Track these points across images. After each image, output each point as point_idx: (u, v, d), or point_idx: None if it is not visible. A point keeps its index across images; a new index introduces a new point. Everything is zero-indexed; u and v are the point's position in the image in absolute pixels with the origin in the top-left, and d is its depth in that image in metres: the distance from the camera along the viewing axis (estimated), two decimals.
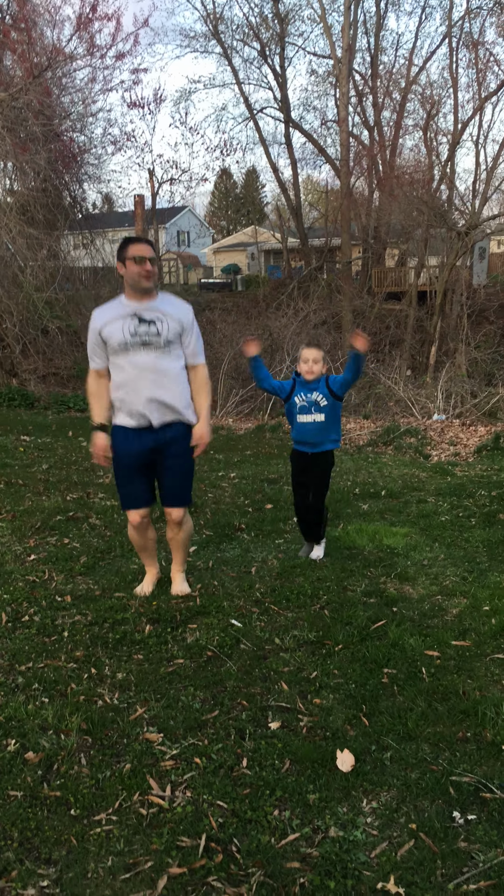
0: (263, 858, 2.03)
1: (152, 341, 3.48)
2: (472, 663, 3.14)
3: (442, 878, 1.97)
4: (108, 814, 2.20)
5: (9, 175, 15.22)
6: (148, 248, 3.47)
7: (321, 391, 4.25)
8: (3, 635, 3.39)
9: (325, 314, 19.46)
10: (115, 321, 3.51)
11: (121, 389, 3.56)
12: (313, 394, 4.26)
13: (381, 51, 26.80)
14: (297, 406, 4.31)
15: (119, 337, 3.48)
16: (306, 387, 4.27)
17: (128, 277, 3.48)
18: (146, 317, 3.50)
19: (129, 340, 3.47)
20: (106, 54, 16.42)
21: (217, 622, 3.53)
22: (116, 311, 3.53)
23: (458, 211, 22.24)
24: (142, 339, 3.47)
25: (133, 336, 3.47)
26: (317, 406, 4.26)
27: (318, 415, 4.27)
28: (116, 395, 3.59)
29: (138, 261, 3.42)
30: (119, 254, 3.51)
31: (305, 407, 4.28)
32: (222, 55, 27.90)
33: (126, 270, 3.47)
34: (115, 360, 3.54)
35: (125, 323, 3.48)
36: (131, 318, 3.48)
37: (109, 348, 3.52)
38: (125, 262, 3.46)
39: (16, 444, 8.43)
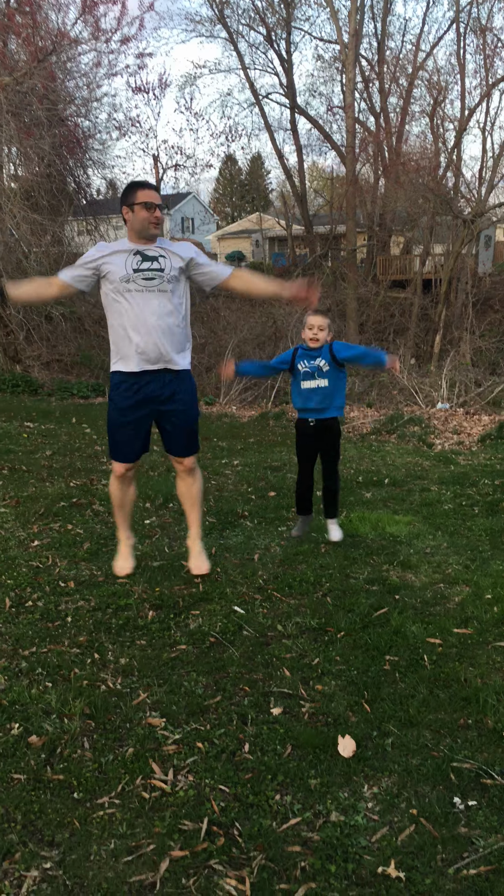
0: (265, 842, 2.05)
1: (155, 276, 3.44)
2: (473, 651, 3.15)
3: (442, 862, 1.99)
4: (111, 797, 2.22)
5: (13, 160, 15.16)
6: (157, 194, 3.45)
7: (324, 357, 4.27)
8: (7, 620, 3.40)
9: (329, 302, 19.40)
10: (117, 255, 3.46)
11: (121, 329, 3.50)
12: (316, 360, 4.28)
13: (388, 36, 26.57)
14: (301, 373, 4.33)
15: (122, 271, 3.42)
16: (309, 354, 4.30)
17: (135, 223, 3.43)
18: (149, 254, 3.46)
19: (131, 275, 3.42)
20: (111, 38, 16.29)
21: (220, 609, 3.55)
22: (120, 247, 3.49)
23: (464, 198, 22.11)
24: (144, 275, 3.42)
25: (136, 271, 3.43)
26: (320, 371, 4.28)
27: (321, 380, 4.29)
28: (115, 337, 3.53)
29: (148, 206, 3.39)
30: (125, 198, 3.45)
31: (308, 373, 4.30)
32: (228, 40, 27.71)
33: (134, 216, 3.42)
34: (115, 298, 3.48)
35: (128, 258, 3.44)
36: (134, 255, 3.44)
37: (109, 283, 3.46)
38: (133, 207, 3.41)
39: (19, 431, 8.44)
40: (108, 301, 3.52)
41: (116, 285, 3.45)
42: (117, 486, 3.81)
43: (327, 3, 24.80)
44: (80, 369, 14.16)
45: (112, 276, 3.45)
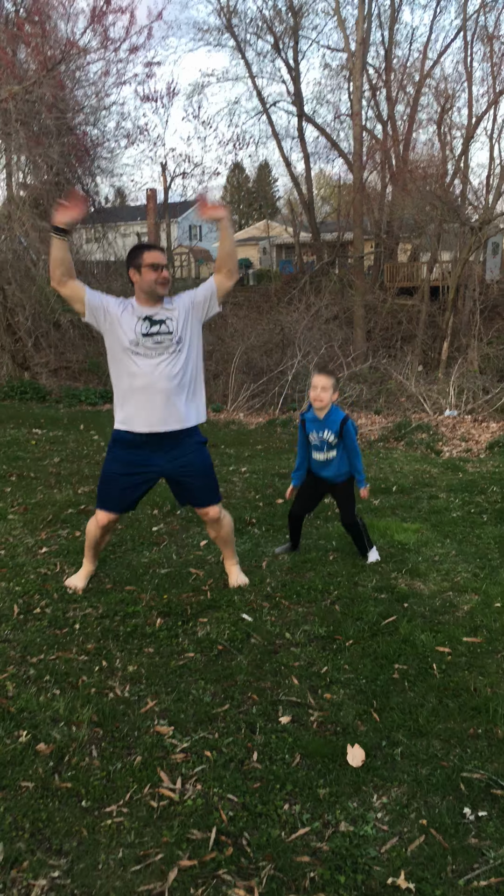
0: (274, 852, 2.04)
1: (164, 340, 3.46)
2: (483, 660, 3.14)
3: (452, 874, 1.97)
4: (119, 806, 2.21)
5: (22, 168, 15.24)
6: (163, 255, 3.47)
7: (332, 429, 4.17)
8: (15, 627, 3.40)
9: (336, 309, 19.39)
10: (128, 316, 3.48)
11: (129, 390, 3.51)
12: (324, 432, 4.18)
13: (395, 44, 26.62)
14: (311, 445, 4.27)
15: (131, 335, 3.44)
16: (317, 424, 4.20)
17: (143, 284, 3.44)
18: (156, 318, 3.48)
19: (140, 339, 3.43)
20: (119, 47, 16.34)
21: (228, 616, 3.54)
22: (131, 309, 3.50)
23: (471, 206, 22.10)
24: (154, 339, 3.43)
25: (145, 336, 3.44)
26: (328, 445, 4.21)
27: (329, 452, 4.22)
28: (123, 394, 3.53)
29: (155, 268, 3.41)
30: (132, 261, 3.46)
31: (318, 446, 4.24)
32: (235, 48, 27.79)
33: (141, 278, 3.43)
34: (122, 358, 3.48)
35: (137, 323, 3.45)
36: (143, 320, 3.46)
37: (117, 342, 3.47)
38: (140, 270, 3.43)
39: (28, 438, 8.45)
40: (117, 357, 3.52)
41: (125, 348, 3.46)
42: (98, 533, 3.77)
43: (335, 11, 24.90)
44: (88, 376, 14.18)
45: (121, 338, 3.46)
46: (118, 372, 3.54)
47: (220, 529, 3.85)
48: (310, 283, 23.66)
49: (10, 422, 9.58)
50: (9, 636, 3.31)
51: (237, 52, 27.96)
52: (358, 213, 23.14)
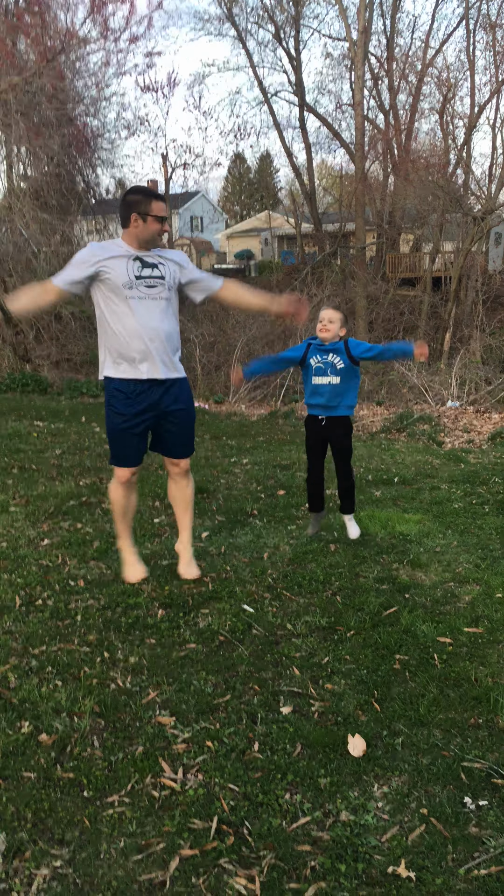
0: (275, 841, 2.04)
1: (157, 284, 3.44)
2: (484, 650, 3.14)
3: (453, 862, 1.98)
4: (121, 796, 2.22)
5: (22, 160, 15.20)
6: (167, 208, 3.48)
7: (338, 353, 4.21)
8: (17, 619, 3.41)
9: (338, 300, 19.34)
10: (116, 259, 3.42)
11: (123, 335, 3.45)
12: (329, 355, 4.22)
13: (397, 33, 26.48)
14: (313, 367, 4.27)
15: (123, 277, 3.39)
16: (322, 348, 4.24)
17: (144, 232, 3.41)
18: (149, 260, 3.45)
19: (133, 281, 3.40)
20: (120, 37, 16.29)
21: (229, 607, 3.54)
22: (117, 251, 3.45)
23: (473, 195, 22.04)
24: (146, 283, 3.42)
25: (138, 278, 3.41)
26: (333, 368, 4.22)
27: (333, 377, 4.23)
28: (117, 343, 3.49)
29: (161, 220, 3.40)
30: (137, 206, 3.40)
31: (321, 368, 4.24)
32: (237, 38, 27.68)
33: (145, 226, 3.40)
34: (115, 303, 3.44)
35: (128, 263, 3.41)
36: (134, 260, 3.43)
37: (107, 288, 3.42)
38: (146, 218, 3.39)
39: (29, 430, 8.46)
40: (106, 305, 3.46)
41: (118, 291, 3.41)
42: (121, 492, 3.75)
43: (336, 0, 24.76)
44: (90, 368, 14.18)
45: (112, 281, 3.39)
46: (111, 319, 3.47)
47: (187, 486, 3.85)
48: (311, 274, 23.60)
49: (12, 414, 9.59)
50: (11, 627, 3.32)
51: (238, 42, 27.87)
52: (360, 203, 23.08)
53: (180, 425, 3.68)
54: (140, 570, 3.88)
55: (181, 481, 3.82)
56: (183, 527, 3.95)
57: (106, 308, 3.48)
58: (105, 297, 3.46)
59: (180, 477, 3.80)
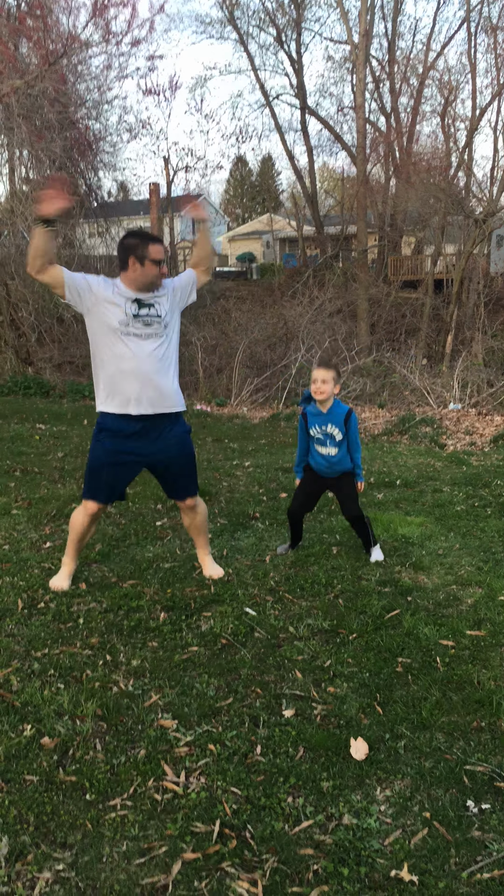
0: (277, 845, 2.04)
1: (153, 322, 3.46)
2: (487, 653, 3.14)
3: (455, 866, 1.98)
4: (123, 799, 2.22)
5: (24, 163, 15.22)
6: (164, 250, 3.49)
7: (336, 424, 4.14)
8: (20, 622, 3.41)
9: (340, 303, 19.35)
10: (118, 297, 3.45)
11: (119, 373, 3.48)
12: (328, 426, 4.15)
13: (398, 36, 26.51)
14: (314, 438, 4.24)
15: (121, 315, 3.42)
16: (320, 418, 4.17)
17: (141, 276, 3.43)
18: (145, 301, 3.48)
19: (130, 320, 3.43)
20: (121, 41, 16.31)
21: (231, 610, 3.54)
22: (119, 290, 3.48)
23: (475, 198, 22.03)
24: (143, 321, 3.44)
25: (135, 317, 3.43)
26: (332, 440, 4.17)
27: (332, 448, 4.18)
28: (111, 381, 3.50)
29: (159, 263, 3.43)
30: (136, 249, 3.42)
31: (321, 440, 4.21)
32: (238, 41, 27.73)
33: (143, 270, 3.42)
34: (112, 340, 3.46)
35: (127, 304, 3.44)
36: (132, 302, 3.46)
37: (104, 324, 3.44)
38: (143, 262, 3.42)
39: (31, 433, 8.46)
40: (104, 341, 3.48)
41: (115, 328, 3.43)
42: (85, 522, 3.74)
43: (337, 3, 24.80)
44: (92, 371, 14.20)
45: (110, 319, 3.43)
46: (104, 354, 3.50)
47: (196, 517, 3.89)
48: (313, 277, 23.60)
49: (14, 417, 9.59)
50: (13, 630, 3.32)
51: (240, 45, 27.93)
52: (361, 206, 23.09)
53: (178, 471, 3.71)
54: (65, 585, 3.81)
55: (190, 513, 3.87)
56: (199, 545, 4.05)
57: (102, 345, 3.51)
58: (101, 333, 3.49)
59: (189, 510, 3.84)
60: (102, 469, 3.61)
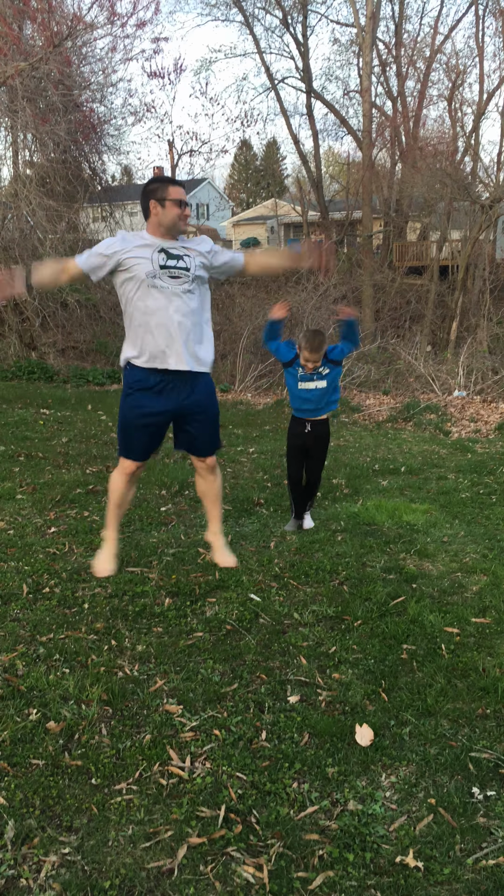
0: (282, 830, 2.05)
1: (181, 275, 3.38)
2: (492, 640, 3.14)
3: (461, 852, 1.98)
4: (129, 783, 2.23)
5: (28, 146, 15.12)
6: (185, 192, 3.42)
7: (323, 363, 4.38)
8: (25, 606, 3.42)
9: (345, 288, 19.25)
10: (142, 248, 3.37)
11: (145, 326, 3.41)
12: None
13: (405, 19, 26.20)
14: (299, 374, 4.42)
15: (148, 266, 3.33)
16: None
17: (165, 218, 3.37)
18: (174, 252, 3.40)
19: (158, 272, 3.34)
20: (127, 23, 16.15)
21: (236, 596, 3.54)
22: (143, 241, 3.41)
23: (482, 183, 21.88)
24: (170, 273, 3.36)
25: (163, 268, 3.36)
26: (319, 374, 4.38)
27: (319, 382, 4.40)
28: (140, 333, 3.43)
29: (181, 204, 3.34)
30: (154, 192, 3.36)
31: (307, 376, 4.40)
32: (243, 24, 27.41)
33: (164, 212, 3.35)
34: (139, 294, 3.39)
35: (154, 254, 3.36)
36: (159, 252, 3.37)
37: (131, 278, 3.37)
38: (164, 203, 3.34)
39: (36, 418, 8.46)
40: (131, 295, 3.42)
41: (141, 281, 3.36)
42: (123, 482, 3.65)
43: None
44: (96, 356, 14.15)
45: (137, 271, 3.35)
46: (134, 309, 3.44)
47: (215, 481, 3.75)
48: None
49: (18, 402, 9.58)
50: (18, 615, 3.33)
51: (245, 28, 27.58)
52: (367, 191, 22.92)
53: (203, 425, 3.62)
54: (110, 567, 3.69)
55: (208, 476, 3.76)
56: (212, 517, 3.86)
57: (130, 299, 3.44)
58: (129, 287, 3.43)
59: (207, 472, 3.75)
60: (138, 429, 3.55)
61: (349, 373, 12.26)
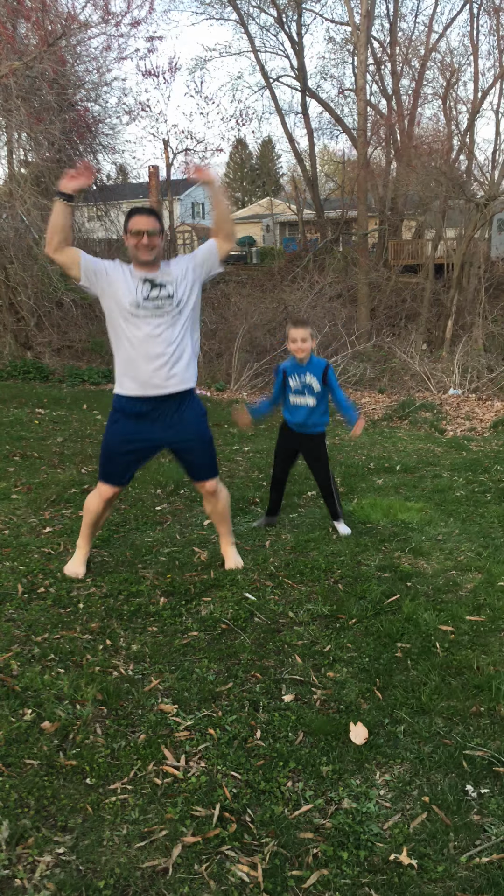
0: (277, 829, 2.05)
1: (164, 304, 3.41)
2: (486, 638, 3.14)
3: (454, 850, 1.99)
4: (124, 783, 2.23)
5: (23, 145, 15.09)
6: (148, 221, 3.39)
7: (315, 375, 4.30)
8: (20, 606, 3.41)
9: (340, 287, 19.25)
10: (129, 279, 3.42)
11: (130, 356, 3.46)
12: (306, 375, 4.31)
13: (400, 17, 26.20)
14: (291, 388, 4.38)
15: (131, 296, 3.38)
16: (298, 369, 4.32)
17: (129, 250, 3.43)
18: (157, 281, 3.43)
19: (141, 302, 3.39)
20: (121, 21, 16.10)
21: (231, 595, 3.55)
22: (131, 272, 3.46)
23: (476, 182, 21.87)
24: (155, 304, 3.40)
25: (146, 299, 3.39)
26: (310, 390, 4.32)
27: (310, 398, 4.34)
28: (125, 362, 3.49)
29: (134, 234, 3.37)
30: (124, 225, 3.44)
31: (298, 390, 4.36)
32: (238, 22, 27.35)
33: (127, 244, 3.43)
34: (123, 323, 3.44)
35: (138, 285, 3.41)
36: (143, 283, 3.42)
37: (116, 306, 3.42)
38: (126, 235, 3.41)
39: (31, 417, 8.44)
40: (117, 323, 3.47)
41: (125, 310, 3.41)
42: (99, 506, 3.72)
43: None
44: (91, 356, 14.13)
45: (121, 300, 3.40)
46: (117, 337, 3.50)
47: (217, 503, 3.84)
48: (313, 261, 23.48)
49: (14, 401, 9.57)
50: (13, 615, 3.33)
51: (240, 26, 27.55)
52: (362, 189, 22.93)
53: (195, 454, 3.67)
54: (81, 571, 3.80)
55: (211, 499, 3.83)
56: (222, 534, 3.99)
57: (114, 325, 3.50)
58: (113, 315, 3.48)
59: (210, 496, 3.81)
60: (115, 454, 3.60)
61: (344, 371, 12.27)
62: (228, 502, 3.93)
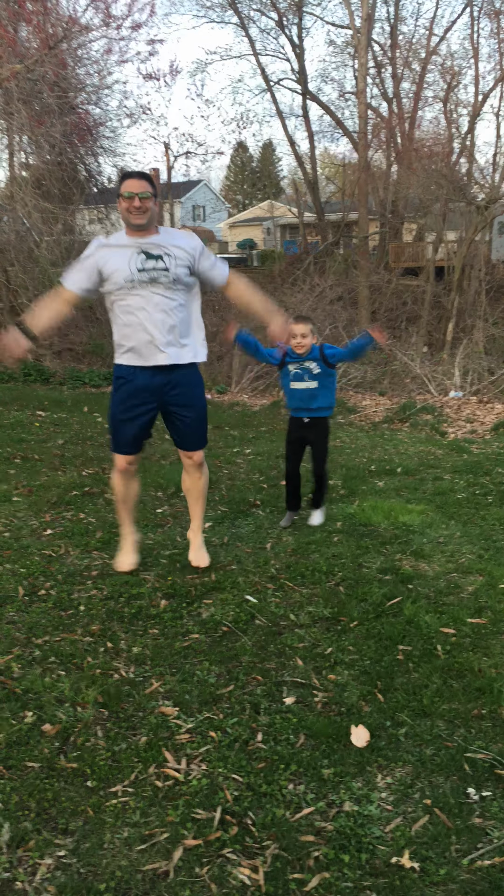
0: (278, 831, 2.05)
1: (160, 277, 3.38)
2: (487, 641, 3.14)
3: (456, 853, 1.98)
4: (125, 786, 2.22)
5: (24, 148, 15.12)
6: (139, 184, 3.32)
7: (314, 359, 4.37)
8: (20, 609, 3.41)
9: (341, 290, 19.27)
10: (119, 251, 3.39)
11: (129, 328, 3.45)
12: (306, 361, 4.38)
13: (400, 20, 26.28)
14: (291, 373, 4.44)
15: (125, 272, 3.35)
16: (299, 357, 4.39)
17: (121, 213, 3.40)
18: (153, 252, 3.39)
19: (136, 277, 3.36)
20: (122, 24, 16.16)
21: (232, 598, 3.54)
22: (120, 242, 3.42)
23: (477, 184, 21.89)
24: (150, 276, 3.37)
25: (141, 271, 3.36)
26: (309, 373, 4.39)
27: (310, 382, 4.40)
28: (123, 334, 3.49)
29: (127, 196, 3.32)
30: (118, 189, 3.40)
31: (299, 374, 4.42)
32: (239, 25, 27.40)
33: (119, 206, 3.40)
34: (120, 299, 3.43)
35: (131, 257, 3.37)
36: (137, 254, 3.38)
37: (112, 285, 3.40)
38: (119, 199, 3.37)
39: (32, 420, 8.44)
40: (113, 298, 3.46)
41: (121, 286, 3.39)
42: (120, 480, 3.76)
43: None
44: (92, 358, 14.13)
45: (115, 277, 3.37)
46: (115, 307, 3.49)
47: (200, 478, 3.83)
48: (314, 264, 23.50)
49: (14, 403, 9.57)
50: (14, 618, 3.32)
51: (240, 29, 27.63)
52: (363, 192, 22.94)
53: (189, 421, 3.66)
54: (131, 561, 3.85)
55: (194, 473, 3.81)
56: (194, 515, 3.96)
57: (111, 301, 3.48)
58: (109, 291, 3.45)
59: (193, 469, 3.80)
60: (121, 423, 3.63)
61: (345, 374, 12.27)
62: (207, 481, 3.93)
